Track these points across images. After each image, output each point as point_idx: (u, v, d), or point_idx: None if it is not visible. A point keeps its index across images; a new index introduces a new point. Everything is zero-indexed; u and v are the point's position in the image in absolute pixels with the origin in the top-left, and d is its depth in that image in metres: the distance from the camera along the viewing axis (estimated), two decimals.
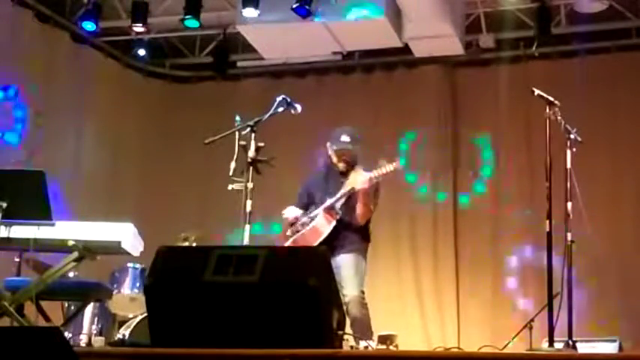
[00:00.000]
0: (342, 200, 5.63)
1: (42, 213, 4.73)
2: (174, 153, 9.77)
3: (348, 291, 5.42)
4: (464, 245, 9.08)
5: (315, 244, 5.53)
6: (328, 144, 5.84)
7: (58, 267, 4.97)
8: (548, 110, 5.06)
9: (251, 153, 5.30)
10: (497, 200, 9.08)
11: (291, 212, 5.80)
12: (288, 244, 5.69)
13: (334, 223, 5.61)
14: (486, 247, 8.99)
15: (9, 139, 8.33)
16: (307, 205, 5.86)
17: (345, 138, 5.74)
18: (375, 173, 5.52)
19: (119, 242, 4.83)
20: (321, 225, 5.60)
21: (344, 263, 5.50)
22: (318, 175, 6.00)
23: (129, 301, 6.69)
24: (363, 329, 5.37)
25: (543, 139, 5.00)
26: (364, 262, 5.68)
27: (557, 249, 4.96)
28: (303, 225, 5.71)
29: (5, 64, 8.28)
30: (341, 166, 5.79)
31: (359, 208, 5.63)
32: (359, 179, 5.53)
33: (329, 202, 5.64)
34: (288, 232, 5.78)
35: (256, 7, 8.10)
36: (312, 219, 5.68)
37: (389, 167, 5.52)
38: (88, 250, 4.87)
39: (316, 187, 5.88)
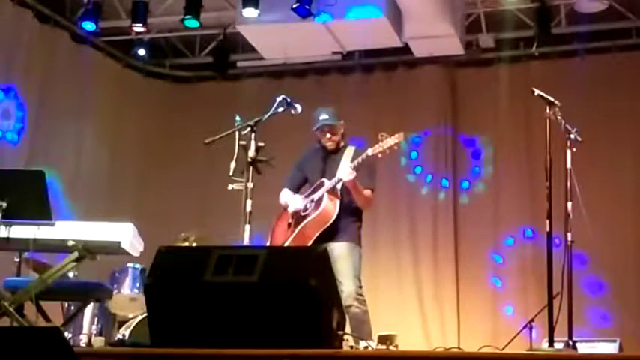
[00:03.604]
0: (340, 183, 5.62)
1: (42, 213, 4.73)
2: (174, 153, 9.77)
3: (346, 287, 5.41)
4: (464, 245, 9.09)
5: (325, 227, 5.53)
6: (313, 130, 5.86)
7: (58, 267, 4.97)
8: (548, 110, 5.07)
9: (251, 153, 5.30)
10: (497, 200, 9.08)
11: (296, 202, 5.78)
12: (297, 231, 5.65)
13: (339, 204, 5.60)
14: (486, 247, 8.99)
15: (9, 138, 8.33)
16: (300, 186, 5.88)
17: (323, 116, 5.79)
18: (375, 150, 5.51)
19: (119, 242, 4.83)
20: (330, 208, 5.57)
21: (340, 254, 5.45)
22: (312, 154, 5.97)
23: (129, 301, 6.69)
24: (363, 326, 5.36)
25: (543, 139, 5.01)
26: (359, 248, 5.68)
27: (558, 249, 4.96)
28: (306, 210, 5.69)
29: (5, 64, 8.27)
30: (329, 144, 5.82)
31: (356, 199, 5.63)
32: (343, 170, 5.52)
33: (329, 184, 5.62)
34: (290, 220, 5.76)
35: (256, 7, 8.09)
36: (316, 202, 5.65)
37: (391, 141, 5.50)
38: (88, 250, 4.87)
39: (310, 166, 5.88)
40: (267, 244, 5.86)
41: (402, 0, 8.17)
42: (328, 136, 5.80)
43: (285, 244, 5.64)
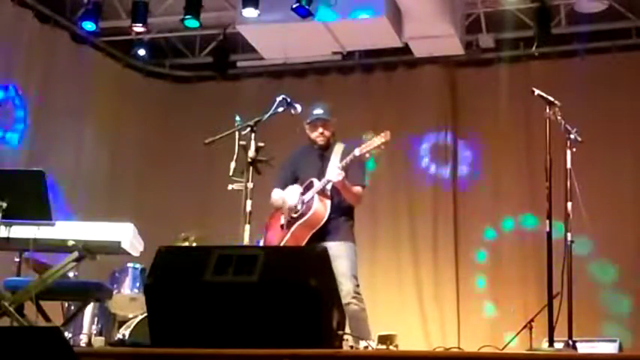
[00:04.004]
0: (330, 183, 5.62)
1: (42, 213, 4.73)
2: (174, 153, 9.77)
3: (344, 285, 5.40)
4: (464, 245, 9.08)
5: (318, 228, 5.55)
6: (304, 124, 5.85)
7: (58, 267, 4.96)
8: (548, 110, 5.07)
9: (251, 153, 5.30)
10: (497, 200, 9.08)
11: (293, 195, 5.77)
12: (291, 233, 5.64)
13: (329, 204, 5.62)
14: (486, 247, 8.99)
15: (9, 139, 8.33)
16: (289, 185, 5.86)
17: (317, 110, 5.79)
18: (362, 150, 5.50)
19: (119, 242, 4.82)
20: (320, 209, 5.58)
21: (336, 254, 5.37)
22: (301, 153, 5.95)
23: (129, 301, 6.69)
24: (361, 323, 5.37)
25: (543, 139, 5.00)
26: (354, 245, 5.69)
27: (557, 249, 4.96)
28: (298, 211, 5.69)
29: (5, 64, 8.27)
30: (319, 139, 5.81)
31: (346, 198, 5.66)
32: (332, 171, 5.53)
33: (319, 185, 5.62)
34: (283, 221, 5.76)
35: (256, 7, 8.09)
36: (306, 203, 5.64)
37: (378, 140, 5.49)
38: (88, 250, 4.87)
39: (300, 165, 5.85)
40: (261, 244, 5.85)
41: (402, 0, 8.16)
42: (320, 130, 5.80)
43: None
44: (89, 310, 6.50)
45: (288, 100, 5.61)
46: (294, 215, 5.69)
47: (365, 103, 9.48)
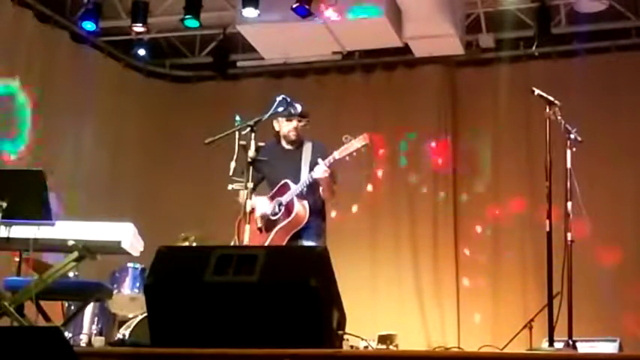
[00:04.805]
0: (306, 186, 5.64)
1: (42, 213, 4.73)
2: (174, 153, 9.77)
3: None
4: (464, 245, 9.09)
5: (297, 229, 5.58)
6: (278, 120, 5.81)
7: (58, 267, 4.96)
8: (548, 110, 5.07)
9: (251, 153, 5.30)
10: (497, 200, 9.08)
11: (263, 205, 5.75)
12: (272, 236, 5.64)
13: (308, 206, 5.63)
14: (486, 247, 9.00)
15: (9, 139, 8.32)
16: (256, 186, 5.77)
17: (296, 106, 5.72)
18: (341, 153, 5.51)
19: (119, 242, 4.82)
20: (301, 211, 5.60)
21: None
22: (267, 153, 5.70)
23: (129, 301, 6.69)
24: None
25: (543, 139, 5.01)
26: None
27: (558, 249, 4.96)
28: (277, 214, 5.67)
29: (5, 64, 8.27)
30: (292, 134, 5.79)
31: (324, 195, 5.69)
32: (319, 169, 5.52)
33: (299, 186, 5.61)
34: (260, 224, 5.72)
35: (256, 7, 8.10)
36: (286, 206, 5.63)
37: (357, 143, 5.49)
38: (88, 250, 4.87)
39: (270, 165, 5.72)
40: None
41: (402, 0, 8.17)
42: (295, 124, 5.79)
43: None
44: (89, 310, 6.49)
45: (288, 99, 5.61)
46: (273, 218, 5.68)
47: (365, 103, 9.48)
